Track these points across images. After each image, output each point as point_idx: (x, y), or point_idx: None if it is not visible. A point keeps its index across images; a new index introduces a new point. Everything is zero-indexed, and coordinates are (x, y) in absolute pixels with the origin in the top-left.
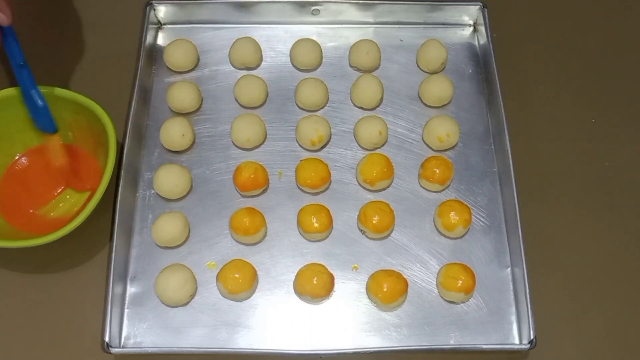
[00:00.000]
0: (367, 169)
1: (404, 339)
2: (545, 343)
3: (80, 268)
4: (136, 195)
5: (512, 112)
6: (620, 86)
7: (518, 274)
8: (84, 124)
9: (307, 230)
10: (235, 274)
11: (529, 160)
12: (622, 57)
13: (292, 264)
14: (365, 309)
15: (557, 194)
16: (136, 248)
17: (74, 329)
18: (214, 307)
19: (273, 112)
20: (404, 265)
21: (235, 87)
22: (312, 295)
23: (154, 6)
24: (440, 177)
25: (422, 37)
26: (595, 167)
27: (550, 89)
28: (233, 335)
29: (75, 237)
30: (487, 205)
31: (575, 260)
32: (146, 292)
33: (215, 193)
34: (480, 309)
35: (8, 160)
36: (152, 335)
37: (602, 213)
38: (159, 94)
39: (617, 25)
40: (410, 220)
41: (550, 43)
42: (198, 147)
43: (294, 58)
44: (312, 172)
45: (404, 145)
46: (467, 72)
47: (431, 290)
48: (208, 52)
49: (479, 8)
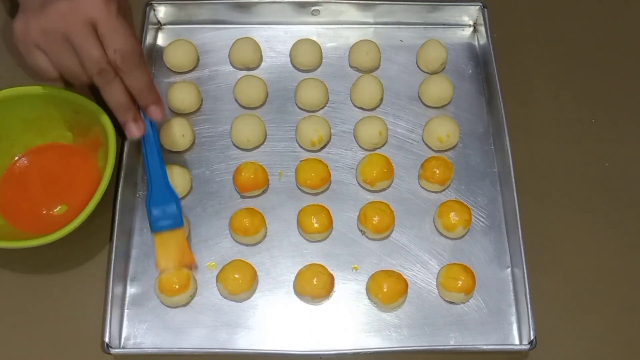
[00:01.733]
0: (367, 169)
1: (404, 340)
2: (545, 343)
3: (80, 268)
4: (136, 195)
5: (512, 112)
6: (620, 86)
7: (518, 274)
8: (84, 124)
9: (307, 230)
10: (235, 275)
11: (529, 160)
12: (622, 57)
13: (292, 264)
14: (365, 310)
15: (557, 194)
16: (136, 248)
17: (74, 330)
18: (214, 307)
19: (273, 113)
20: (404, 266)
21: (235, 88)
22: (312, 296)
23: (154, 6)
24: (440, 178)
25: (422, 38)
26: (595, 167)
27: (550, 89)
28: (233, 336)
29: (75, 237)
30: (487, 206)
31: (575, 260)
32: (146, 293)
33: (215, 193)
34: (480, 310)
35: (8, 160)
36: (152, 336)
37: (602, 213)
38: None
39: (617, 25)
40: (410, 221)
41: (550, 43)
42: (198, 148)
43: (294, 58)
44: (312, 173)
45: (404, 146)
46: (467, 72)
47: (431, 291)
48: (208, 52)
49: (479, 8)
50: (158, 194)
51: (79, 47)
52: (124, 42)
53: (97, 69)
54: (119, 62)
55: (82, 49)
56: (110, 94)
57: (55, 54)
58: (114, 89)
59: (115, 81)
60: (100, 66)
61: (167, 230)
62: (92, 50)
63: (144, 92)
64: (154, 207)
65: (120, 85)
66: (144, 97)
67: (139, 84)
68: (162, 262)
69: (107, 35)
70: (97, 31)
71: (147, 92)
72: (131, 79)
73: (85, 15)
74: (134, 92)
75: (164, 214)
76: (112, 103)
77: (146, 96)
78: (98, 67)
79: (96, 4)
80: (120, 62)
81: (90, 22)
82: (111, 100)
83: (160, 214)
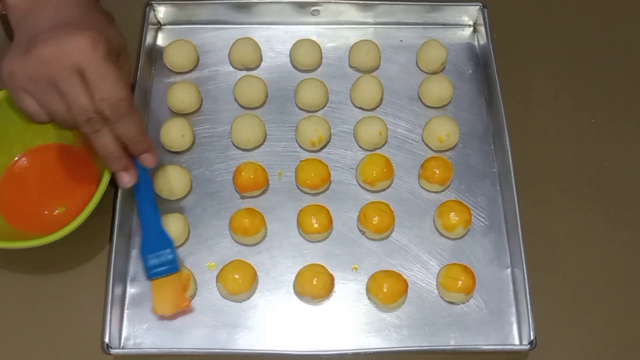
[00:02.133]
0: (367, 169)
1: (404, 340)
2: (545, 343)
3: (80, 268)
4: None
5: (512, 112)
6: (620, 86)
7: (518, 274)
8: None
9: (307, 230)
10: (235, 275)
11: (529, 160)
12: (622, 57)
13: (292, 264)
14: (365, 310)
15: (557, 194)
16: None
17: (74, 330)
18: (213, 307)
19: (273, 113)
20: (403, 266)
21: (235, 88)
22: (312, 296)
23: (154, 6)
24: (440, 178)
25: (422, 38)
26: (595, 167)
27: (550, 89)
28: (233, 336)
29: (75, 237)
30: (487, 206)
31: (575, 260)
32: (146, 293)
33: (215, 194)
34: (480, 310)
35: (8, 160)
36: (152, 336)
37: (602, 213)
38: (158, 94)
39: (616, 25)
40: (410, 221)
41: (550, 43)
42: (198, 148)
43: (293, 58)
44: (312, 173)
45: (404, 146)
46: (467, 72)
47: (431, 291)
48: (208, 52)
49: (479, 8)
50: (153, 241)
51: (66, 95)
52: (111, 90)
53: (84, 118)
54: (107, 111)
55: (69, 97)
56: (99, 144)
57: (42, 99)
58: (103, 138)
59: (104, 130)
60: (87, 115)
61: (163, 276)
62: (78, 99)
63: (135, 140)
64: (149, 254)
65: (110, 135)
66: (135, 146)
67: (130, 133)
68: (159, 307)
69: (94, 82)
70: (85, 78)
71: (138, 140)
72: (121, 128)
73: (71, 61)
74: (124, 140)
75: (159, 260)
76: (101, 152)
77: (137, 145)
78: (85, 116)
79: (82, 48)
80: (108, 112)
81: (76, 68)
82: (100, 149)
83: (155, 262)
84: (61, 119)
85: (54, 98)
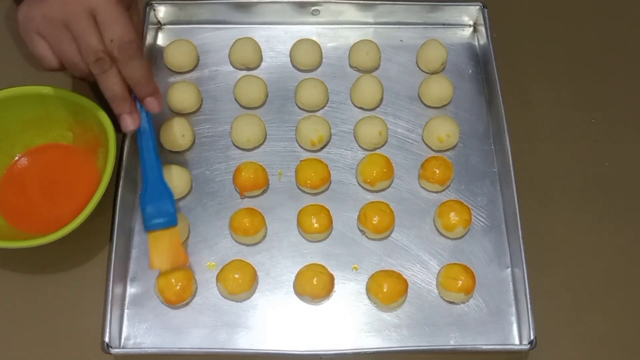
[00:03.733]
0: (367, 169)
1: (404, 340)
2: (545, 343)
3: (80, 268)
4: (136, 195)
5: (512, 112)
6: (620, 86)
7: (518, 274)
8: (84, 124)
9: (307, 230)
10: (235, 275)
11: (529, 160)
12: (622, 57)
13: (292, 264)
14: (365, 310)
15: (557, 194)
16: (136, 249)
17: (74, 330)
18: (213, 307)
19: (273, 113)
20: (404, 266)
21: (235, 88)
22: (312, 296)
23: (154, 6)
24: (440, 178)
25: (422, 38)
26: (595, 167)
27: (550, 89)
28: (233, 336)
29: (75, 237)
30: (487, 206)
31: (575, 260)
32: (146, 293)
33: (215, 193)
34: (480, 310)
35: (8, 160)
36: (152, 336)
37: (602, 213)
38: None
39: (616, 26)
40: (410, 221)
41: (550, 43)
42: (198, 148)
43: (293, 58)
44: (312, 173)
45: (404, 146)
46: (467, 72)
47: (431, 291)
48: (208, 52)
49: (479, 8)
50: (153, 190)
51: (77, 35)
52: (121, 32)
53: (93, 58)
54: (116, 51)
55: (80, 37)
56: (106, 84)
57: (55, 41)
58: (110, 78)
59: (112, 71)
60: (97, 55)
61: (161, 229)
62: (89, 39)
63: (141, 82)
64: (149, 204)
65: (117, 76)
66: (140, 88)
67: (136, 75)
68: (156, 261)
69: (105, 24)
70: (96, 20)
71: (144, 82)
72: (128, 69)
73: (86, 3)
74: (130, 82)
75: (159, 211)
76: (107, 93)
77: (143, 87)
78: (95, 56)
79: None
80: (117, 52)
81: (89, 10)
82: (107, 90)
83: (154, 212)
84: (70, 63)
85: (66, 39)
